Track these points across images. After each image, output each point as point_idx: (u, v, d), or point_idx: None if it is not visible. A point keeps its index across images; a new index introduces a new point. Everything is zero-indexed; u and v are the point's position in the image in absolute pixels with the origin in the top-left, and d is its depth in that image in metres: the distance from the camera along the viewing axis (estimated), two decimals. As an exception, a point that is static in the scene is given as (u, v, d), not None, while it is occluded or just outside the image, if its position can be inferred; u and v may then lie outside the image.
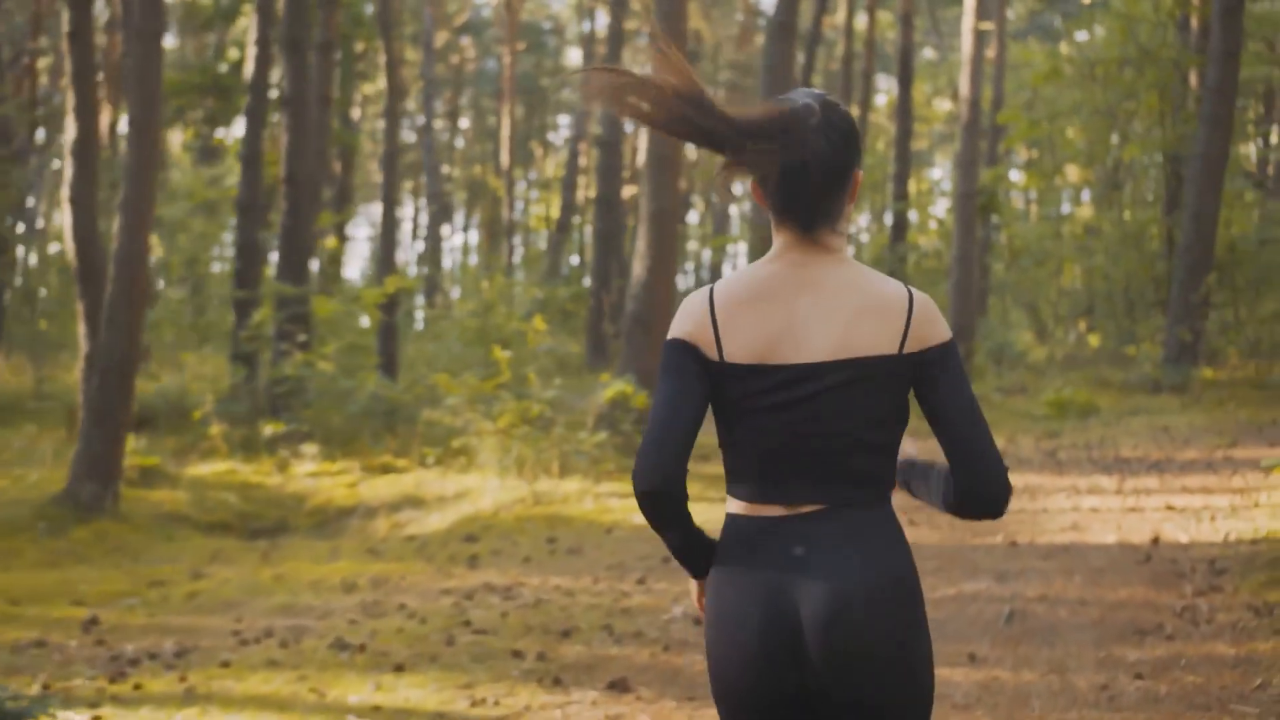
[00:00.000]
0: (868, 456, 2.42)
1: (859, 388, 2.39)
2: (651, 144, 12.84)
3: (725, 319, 2.42)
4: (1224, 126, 16.79)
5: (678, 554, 2.57)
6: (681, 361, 2.43)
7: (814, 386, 2.38)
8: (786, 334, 2.40)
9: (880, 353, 2.39)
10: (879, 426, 2.42)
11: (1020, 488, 10.68)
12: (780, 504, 2.42)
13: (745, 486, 2.47)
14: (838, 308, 2.40)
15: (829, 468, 2.40)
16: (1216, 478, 10.60)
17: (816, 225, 2.43)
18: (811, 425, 2.39)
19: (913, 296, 2.44)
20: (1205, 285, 16.38)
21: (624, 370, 12.84)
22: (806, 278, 2.43)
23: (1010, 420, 15.37)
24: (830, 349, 2.39)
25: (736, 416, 2.43)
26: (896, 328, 2.39)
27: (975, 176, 17.30)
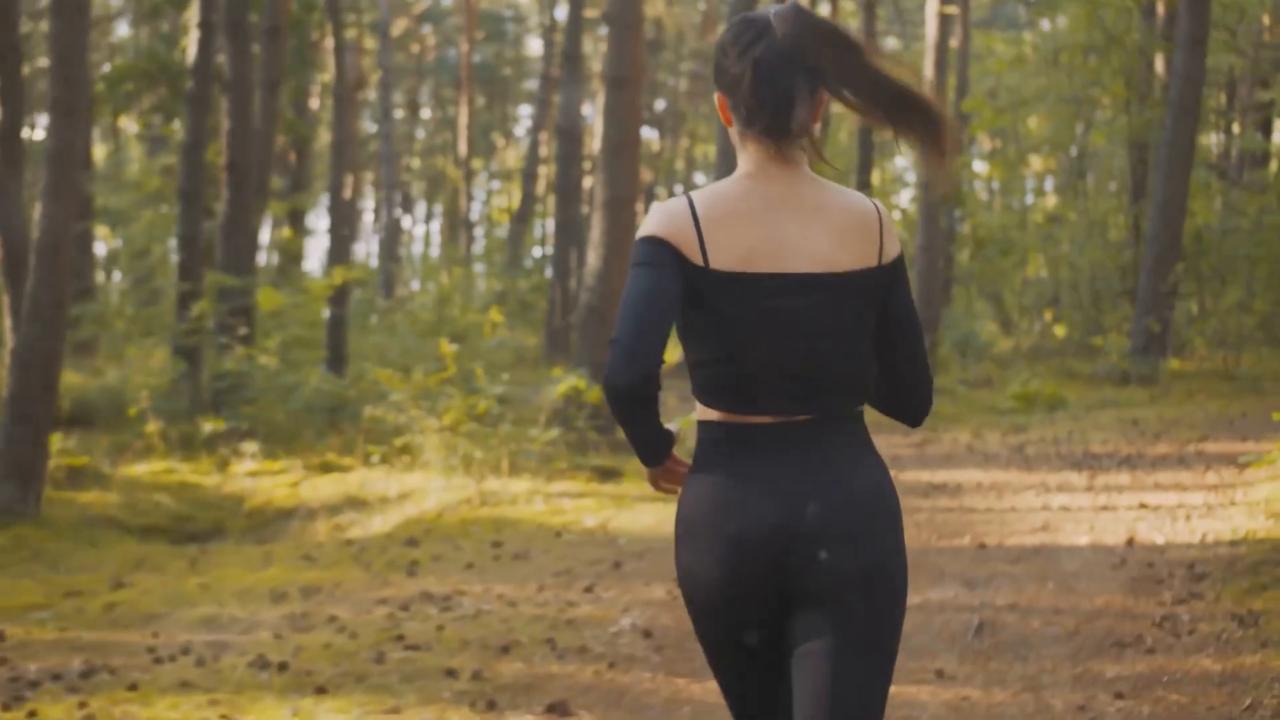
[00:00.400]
0: (853, 367, 2.46)
1: (847, 300, 2.43)
2: (607, 130, 12.40)
3: (709, 226, 2.40)
4: (1191, 113, 16.49)
5: (641, 445, 2.50)
6: (658, 256, 2.40)
7: (806, 297, 2.41)
8: (772, 245, 2.41)
9: (864, 266, 2.45)
10: (862, 338, 2.47)
11: (988, 485, 10.30)
12: (769, 414, 2.44)
13: (728, 398, 2.45)
14: (821, 223, 2.44)
15: (817, 379, 2.44)
16: (1190, 474, 10.24)
17: (785, 139, 2.44)
18: (802, 336, 2.42)
19: (879, 208, 2.51)
20: (1173, 275, 16.07)
21: (579, 363, 12.39)
22: (783, 193, 2.44)
23: (976, 414, 15.01)
24: (819, 262, 2.42)
25: (724, 327, 2.42)
26: (874, 241, 2.46)
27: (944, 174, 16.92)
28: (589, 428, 11.31)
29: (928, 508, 9.46)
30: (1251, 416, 13.12)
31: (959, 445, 12.62)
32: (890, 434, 13.29)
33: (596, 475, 10.83)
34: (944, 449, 12.48)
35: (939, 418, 14.69)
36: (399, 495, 10.12)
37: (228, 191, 13.75)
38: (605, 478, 10.84)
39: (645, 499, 10.04)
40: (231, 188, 13.80)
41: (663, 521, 9.20)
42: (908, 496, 9.88)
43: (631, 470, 11.14)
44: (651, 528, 9.00)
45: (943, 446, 12.64)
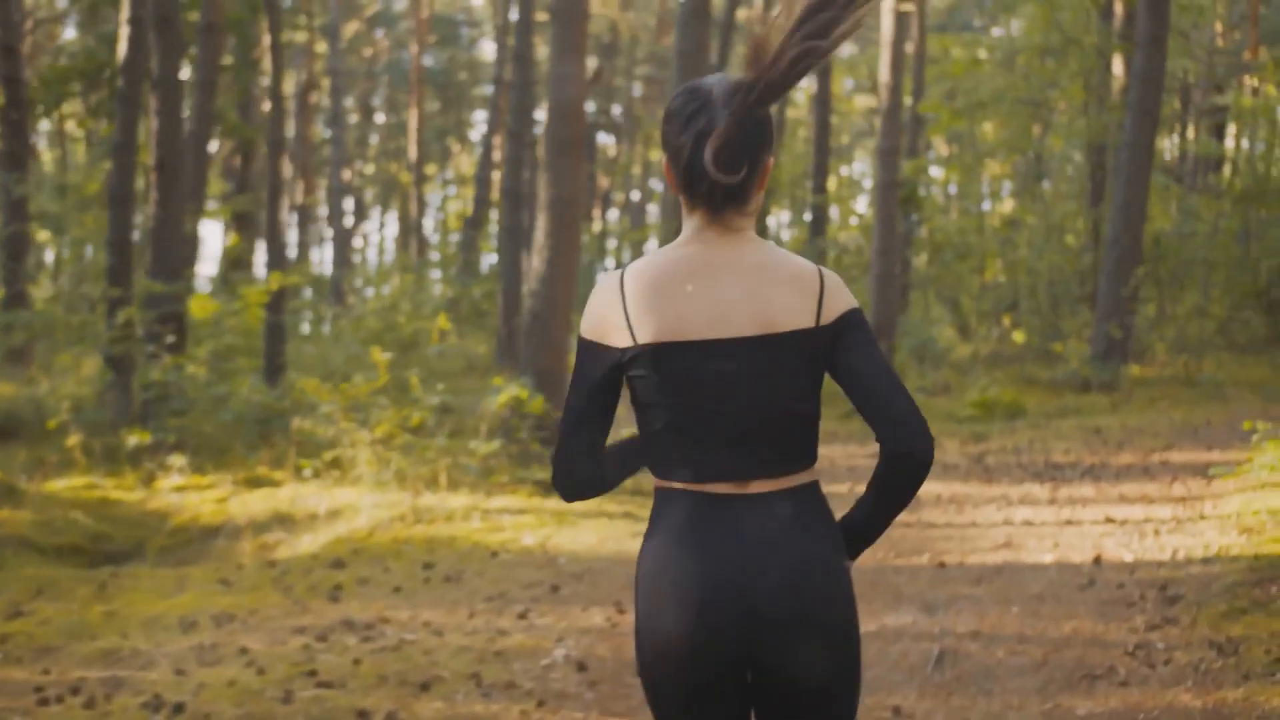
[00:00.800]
0: (797, 428, 2.46)
1: (781, 361, 2.42)
2: (551, 128, 11.90)
3: (637, 301, 2.42)
4: (1151, 114, 16.17)
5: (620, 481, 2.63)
6: (587, 363, 2.49)
7: (737, 361, 2.41)
8: (703, 312, 2.41)
9: (798, 326, 2.42)
10: (804, 399, 2.45)
11: (947, 498, 9.87)
12: (724, 481, 2.44)
13: (679, 466, 2.47)
14: (754, 285, 2.42)
15: (758, 442, 2.43)
16: (1155, 485, 9.86)
17: (727, 210, 2.45)
18: (738, 400, 2.42)
19: (822, 271, 2.49)
20: (1134, 279, 15.73)
21: (524, 370, 11.88)
22: (720, 258, 2.44)
23: (934, 423, 14.60)
24: (750, 325, 2.41)
25: (657, 399, 2.44)
26: (811, 301, 2.43)
27: (896, 166, 16.53)
28: (532, 439, 10.81)
29: (885, 523, 9.01)
30: (1215, 424, 12.78)
31: (917, 455, 12.19)
32: (847, 443, 12.86)
33: (539, 489, 10.33)
34: (901, 459, 12.05)
35: (896, 426, 14.29)
36: (329, 512, 9.58)
37: (156, 193, 13.15)
38: (548, 492, 10.33)
39: (588, 514, 9.56)
40: (161, 189, 13.20)
41: (605, 540, 8.73)
42: (864, 511, 9.44)
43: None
44: (593, 546, 8.51)
45: (900, 457, 12.20)
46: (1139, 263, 16.20)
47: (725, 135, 2.39)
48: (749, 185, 2.47)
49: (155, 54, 13.36)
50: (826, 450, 12.24)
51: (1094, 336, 16.15)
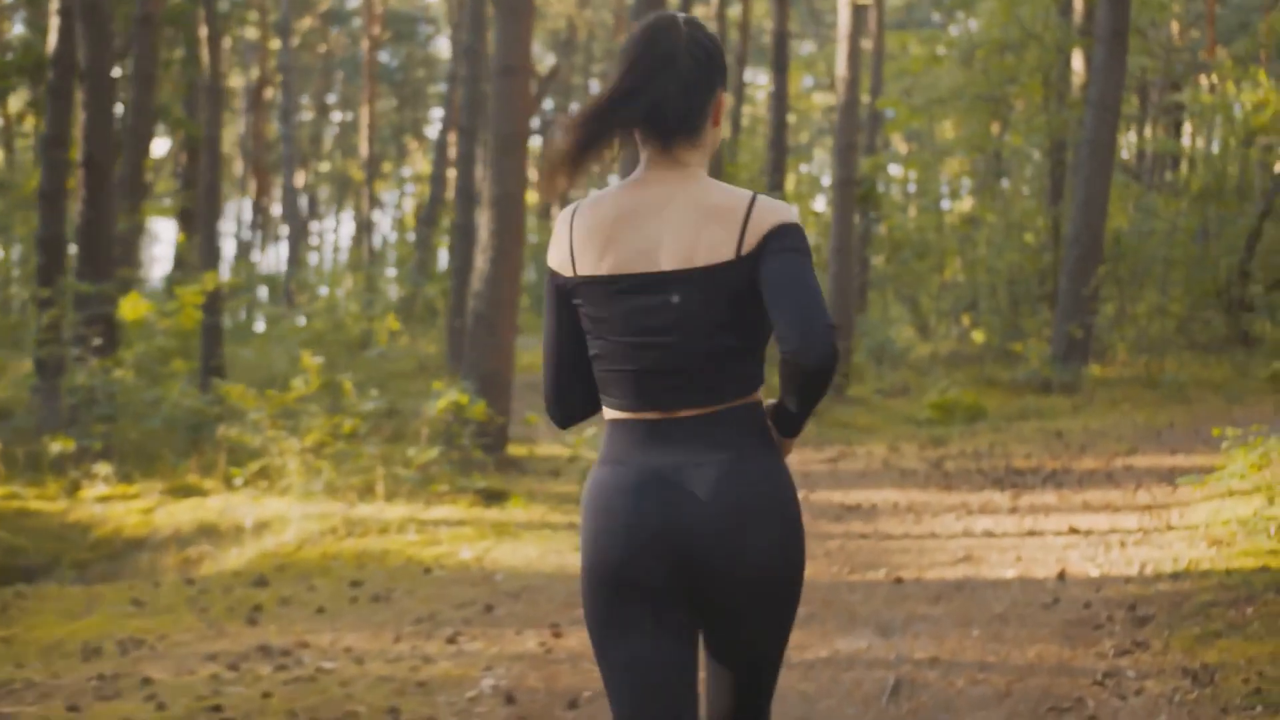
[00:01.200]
0: (728, 362, 2.50)
1: (705, 295, 2.46)
2: (496, 122, 11.46)
3: (580, 235, 2.52)
4: (1112, 110, 15.88)
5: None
6: (550, 292, 2.60)
7: (664, 296, 2.46)
8: (641, 247, 2.49)
9: (719, 260, 2.46)
10: (728, 332, 2.48)
11: (905, 507, 9.49)
12: (655, 410, 2.52)
13: (618, 396, 2.55)
14: (683, 221, 2.47)
15: (691, 374, 2.49)
16: (1120, 492, 9.51)
17: (675, 141, 2.51)
18: (667, 333, 2.48)
19: (755, 198, 2.49)
20: (1095, 278, 15.43)
21: (468, 374, 11.44)
22: (663, 194, 2.50)
23: (892, 425, 14.24)
24: (673, 260, 2.47)
25: (598, 328, 2.54)
26: (733, 233, 2.46)
27: (854, 162, 16.16)
28: (474, 446, 10.35)
29: (840, 534, 8.62)
30: (1179, 427, 12.47)
31: (874, 460, 11.82)
32: (802, 449, 12.47)
33: (480, 499, 9.88)
34: (859, 464, 11.68)
35: (854, 429, 13.91)
36: (257, 525, 9.09)
37: (85, 190, 12.60)
38: (490, 501, 9.89)
39: (531, 525, 9.12)
40: (90, 186, 12.65)
41: (547, 553, 8.29)
42: (819, 520, 9.05)
43: (521, 492, 10.22)
44: (533, 561, 8.07)
45: (857, 461, 11.83)
46: (1100, 261, 15.90)
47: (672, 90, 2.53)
48: (698, 119, 2.54)
49: (82, 45, 12.82)
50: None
51: (1054, 336, 15.84)
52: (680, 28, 2.54)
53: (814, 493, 10.17)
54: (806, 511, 9.45)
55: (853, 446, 12.72)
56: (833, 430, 13.77)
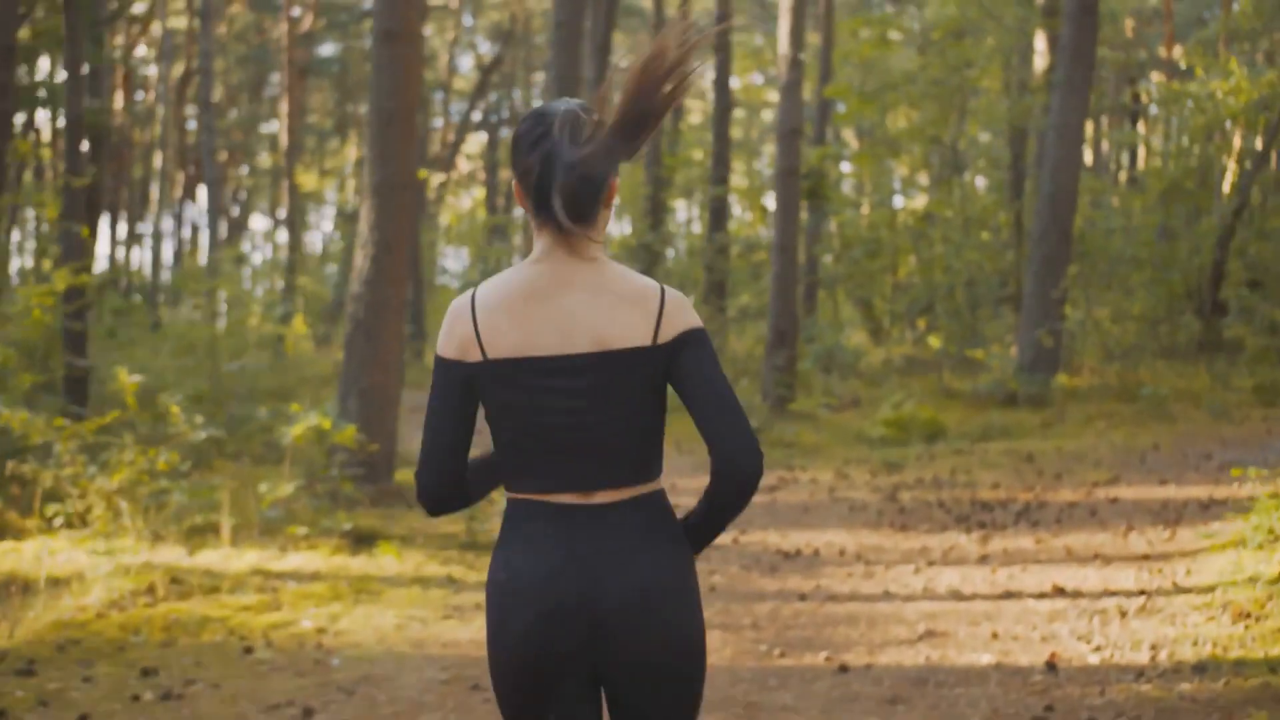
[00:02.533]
0: (637, 442, 2.52)
1: (619, 378, 2.49)
2: (375, 96, 9.81)
3: (487, 318, 2.52)
4: (1081, 92, 14.42)
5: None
6: (444, 379, 2.57)
7: (578, 378, 2.48)
8: (549, 330, 2.49)
9: (635, 345, 2.48)
10: (642, 414, 2.52)
11: (853, 554, 7.92)
12: (569, 492, 2.51)
13: (527, 477, 2.54)
14: (596, 304, 2.49)
15: (601, 457, 2.49)
16: (1108, 535, 7.99)
17: (574, 227, 2.51)
18: (578, 415, 2.48)
19: (664, 291, 2.53)
20: (1065, 279, 13.95)
21: (346, 390, 9.79)
22: (566, 277, 2.52)
23: (841, 445, 12.67)
24: (589, 343, 2.48)
25: (508, 412, 2.51)
26: (649, 321, 2.49)
27: (798, 150, 14.59)
28: (344, 478, 8.69)
29: (774, 593, 7.03)
30: (1164, 449, 11.00)
31: (820, 489, 10.25)
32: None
33: (348, 543, 8.23)
34: (801, 494, 10.11)
35: (797, 450, 12.34)
36: (54, 581, 7.37)
37: (-94, 176, 10.83)
38: (359, 545, 8.25)
39: (399, 581, 7.48)
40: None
41: (408, 623, 6.65)
42: (751, 573, 7.48)
43: (398, 533, 8.58)
44: (387, 635, 6.43)
45: (800, 490, 10.26)
46: (1068, 261, 14.44)
47: (567, 190, 2.48)
48: (597, 207, 2.54)
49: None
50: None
51: (1020, 343, 14.35)
52: (580, 117, 2.53)
53: (747, 534, 8.60)
54: (736, 559, 7.87)
55: (795, 472, 11.14)
56: (774, 451, 12.21)
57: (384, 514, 9.24)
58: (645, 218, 22.86)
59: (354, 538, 8.37)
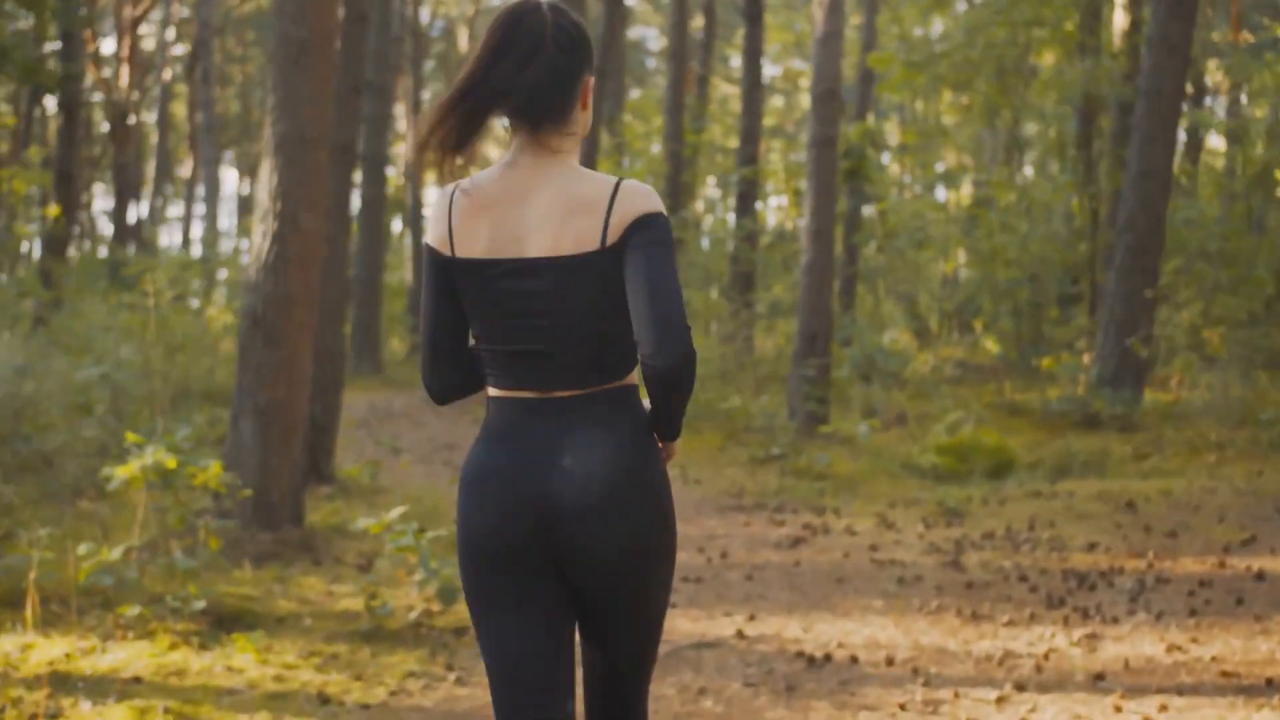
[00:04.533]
0: (600, 346, 2.56)
1: (573, 282, 2.52)
2: (279, 24, 7.47)
3: (460, 217, 2.57)
4: (1181, 51, 11.96)
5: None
6: (428, 267, 2.63)
7: (534, 281, 2.52)
8: (512, 233, 2.54)
9: (584, 250, 2.51)
10: (602, 317, 2.54)
11: (904, 658, 5.53)
12: (531, 389, 2.58)
13: (496, 375, 2.62)
14: (553, 209, 2.52)
15: (560, 358, 2.55)
16: (1270, 638, 5.58)
17: (544, 127, 2.55)
18: (540, 317, 2.54)
19: (619, 185, 2.54)
20: (1160, 276, 11.50)
21: (238, 410, 7.50)
22: (533, 181, 2.55)
23: (884, 477, 10.25)
24: (542, 247, 2.53)
25: (475, 309, 2.60)
26: (598, 223, 2.51)
27: (835, 116, 12.18)
28: (211, 535, 6.35)
29: (788, 741, 4.67)
30: (1305, 494, 8.54)
31: (858, 546, 7.86)
32: (755, 517, 8.59)
33: (204, 626, 5.93)
34: (833, 552, 7.73)
35: (830, 484, 9.95)
36: None
37: None
38: (218, 630, 5.94)
39: (247, 702, 5.15)
40: None
41: None
42: (757, 697, 5.15)
43: (283, 610, 6.27)
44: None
45: (832, 547, 7.89)
46: (1160, 252, 11.98)
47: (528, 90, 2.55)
48: (566, 106, 2.56)
49: None
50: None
51: (1100, 352, 11.89)
52: (545, 13, 2.55)
53: (756, 620, 6.23)
54: (739, 670, 5.50)
55: (826, 517, 8.76)
56: (801, 486, 9.83)
57: (276, 575, 6.94)
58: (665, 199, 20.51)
59: (213, 619, 6.06)
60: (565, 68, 2.53)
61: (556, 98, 2.53)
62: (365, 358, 19.73)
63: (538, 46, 2.51)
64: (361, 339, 19.78)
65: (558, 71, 2.52)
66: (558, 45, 2.52)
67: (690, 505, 9.43)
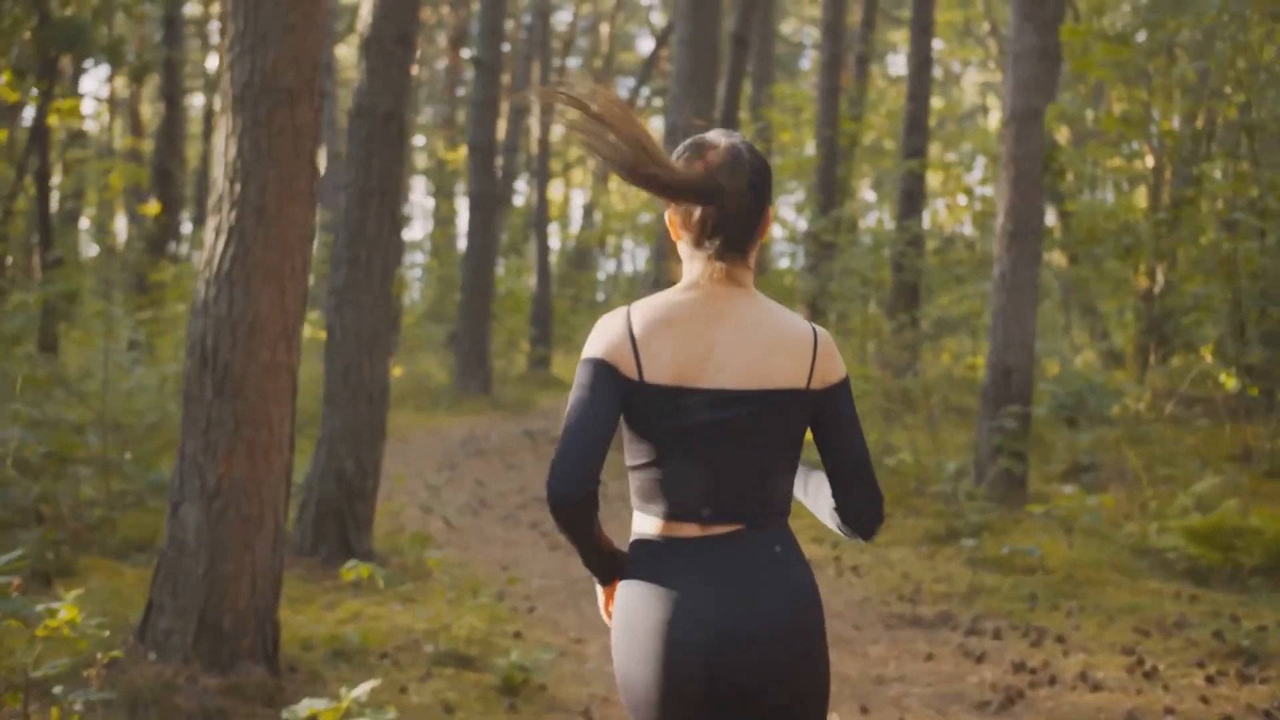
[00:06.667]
0: (776, 480, 2.58)
1: (771, 416, 2.54)
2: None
3: (644, 341, 2.53)
4: None
5: (588, 560, 2.61)
6: (599, 378, 2.54)
7: (732, 411, 2.51)
8: (704, 361, 2.53)
9: (790, 386, 2.55)
10: (785, 453, 2.58)
11: None
12: (695, 524, 2.54)
13: (659, 506, 2.57)
14: (753, 341, 2.55)
15: (742, 490, 2.54)
16: None
17: (731, 257, 2.58)
18: (728, 449, 2.52)
19: (817, 334, 2.62)
20: None
21: (178, 492, 5.08)
22: (721, 309, 2.56)
23: (1116, 575, 7.38)
24: (747, 379, 2.53)
25: (655, 437, 2.54)
26: (804, 364, 2.57)
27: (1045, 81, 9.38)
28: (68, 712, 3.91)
29: None
30: None
31: (1105, 712, 5.12)
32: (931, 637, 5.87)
33: None
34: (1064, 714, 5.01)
35: (1044, 582, 7.15)
36: None
37: None
38: None
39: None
40: None
41: None
42: None
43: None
44: None
45: (1063, 705, 5.17)
46: None
47: (730, 222, 2.58)
48: (752, 238, 2.62)
49: None
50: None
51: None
52: (743, 154, 2.59)
53: None
54: None
55: (1046, 649, 6.01)
56: (1002, 586, 7.07)
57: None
58: (815, 195, 17.78)
59: None
60: (759, 206, 2.61)
61: (750, 230, 2.60)
62: (471, 376, 17.36)
63: (743, 187, 2.57)
64: (467, 355, 17.43)
65: (754, 211, 2.60)
66: (751, 188, 2.59)
67: (847, 611, 6.78)
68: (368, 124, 7.56)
